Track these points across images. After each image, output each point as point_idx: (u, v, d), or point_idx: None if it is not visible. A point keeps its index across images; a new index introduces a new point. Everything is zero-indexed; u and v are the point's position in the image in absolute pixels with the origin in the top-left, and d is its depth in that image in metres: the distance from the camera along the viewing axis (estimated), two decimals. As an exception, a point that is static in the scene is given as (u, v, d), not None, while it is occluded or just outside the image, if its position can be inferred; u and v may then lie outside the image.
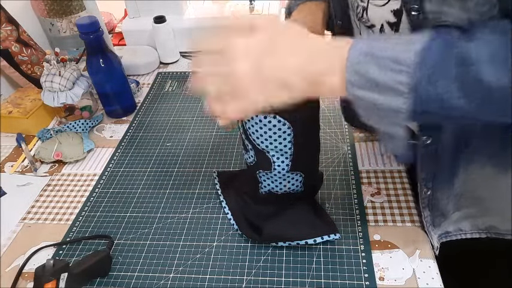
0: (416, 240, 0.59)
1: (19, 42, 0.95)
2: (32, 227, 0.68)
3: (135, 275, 0.58)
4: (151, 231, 0.64)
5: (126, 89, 0.90)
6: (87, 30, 0.79)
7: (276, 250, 0.59)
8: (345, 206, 0.64)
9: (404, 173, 0.69)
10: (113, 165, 0.78)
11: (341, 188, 0.68)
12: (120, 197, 0.71)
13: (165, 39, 1.04)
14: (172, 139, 0.83)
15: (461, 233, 0.58)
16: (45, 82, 0.82)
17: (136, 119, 0.89)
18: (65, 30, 1.07)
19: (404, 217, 0.62)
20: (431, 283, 0.53)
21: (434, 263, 0.56)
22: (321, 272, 0.56)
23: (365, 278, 0.54)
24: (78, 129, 0.85)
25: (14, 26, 0.95)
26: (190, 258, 0.60)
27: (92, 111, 0.91)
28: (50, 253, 0.63)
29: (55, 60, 0.82)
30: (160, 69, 1.07)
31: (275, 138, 0.52)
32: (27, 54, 0.96)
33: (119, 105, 0.90)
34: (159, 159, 0.78)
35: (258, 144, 0.54)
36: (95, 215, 0.68)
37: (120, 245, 0.62)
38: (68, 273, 0.55)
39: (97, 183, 0.74)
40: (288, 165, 0.55)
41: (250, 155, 0.57)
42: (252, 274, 0.57)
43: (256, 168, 0.57)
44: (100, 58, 0.82)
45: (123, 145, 0.82)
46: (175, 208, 0.68)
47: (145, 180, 0.74)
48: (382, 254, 0.57)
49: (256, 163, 0.57)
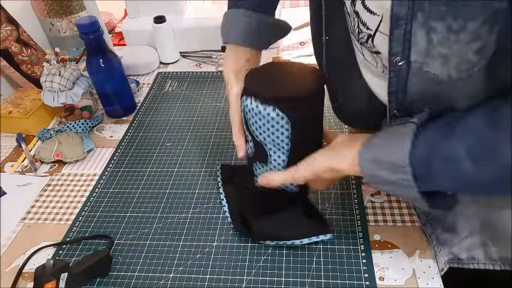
0: (416, 240, 0.59)
1: (19, 42, 0.95)
2: (32, 227, 0.68)
3: (135, 275, 0.58)
4: (151, 231, 0.64)
5: (126, 89, 0.90)
6: (87, 30, 0.79)
7: (276, 250, 0.59)
8: (345, 206, 0.64)
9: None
10: (113, 165, 0.78)
11: (341, 188, 0.68)
12: (120, 197, 0.71)
13: (165, 39, 1.04)
14: (172, 139, 0.83)
15: (474, 262, 0.56)
16: (45, 82, 0.82)
17: (136, 119, 0.89)
18: (65, 30, 1.07)
19: (404, 217, 0.62)
20: (431, 283, 0.54)
21: (434, 263, 0.56)
22: (321, 272, 0.56)
23: (365, 278, 0.54)
24: (78, 129, 0.85)
25: (14, 26, 0.95)
26: (190, 258, 0.60)
27: (92, 111, 0.91)
28: (50, 253, 0.63)
29: (55, 60, 0.82)
30: (160, 69, 1.07)
31: (272, 132, 0.52)
32: (27, 54, 0.96)
33: (119, 105, 0.90)
34: (159, 159, 0.78)
35: (257, 135, 0.54)
36: (95, 215, 0.68)
37: (120, 245, 0.62)
38: (68, 273, 0.55)
39: (97, 183, 0.74)
40: (285, 161, 0.54)
41: (249, 146, 0.57)
42: (252, 274, 0.57)
43: (254, 160, 0.58)
44: (100, 58, 0.82)
45: (123, 145, 0.82)
46: (175, 208, 0.68)
47: (145, 180, 0.74)
48: (382, 254, 0.57)
49: (254, 155, 0.57)
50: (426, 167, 0.41)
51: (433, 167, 0.41)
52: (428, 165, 0.41)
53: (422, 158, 0.41)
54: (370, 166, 0.45)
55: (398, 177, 0.43)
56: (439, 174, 0.41)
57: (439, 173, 0.41)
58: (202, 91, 0.97)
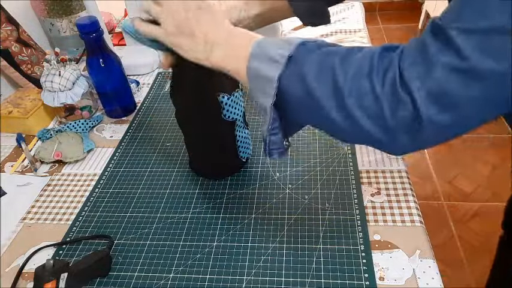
0: (416, 240, 0.59)
1: (19, 42, 0.95)
2: (32, 227, 0.68)
3: (135, 275, 0.58)
4: (151, 231, 0.64)
5: (126, 89, 0.90)
6: (87, 30, 0.79)
7: (276, 250, 0.59)
8: (345, 206, 0.64)
9: (405, 173, 0.69)
10: (113, 165, 0.78)
11: (341, 188, 0.68)
12: (120, 197, 0.71)
13: (165, 39, 1.04)
14: (172, 139, 0.83)
15: None
16: (45, 82, 0.82)
17: (136, 119, 0.89)
18: (65, 30, 1.07)
19: (404, 217, 0.62)
20: (431, 283, 0.54)
21: (434, 263, 0.56)
22: (321, 272, 0.56)
23: (365, 278, 0.54)
24: (78, 129, 0.85)
25: (14, 26, 0.95)
26: (190, 258, 0.60)
27: (92, 111, 0.91)
28: (50, 253, 0.63)
29: (55, 60, 0.83)
30: (160, 69, 1.07)
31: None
32: (27, 54, 0.96)
33: (119, 105, 0.90)
34: (159, 159, 0.78)
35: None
36: (95, 215, 0.68)
37: (120, 245, 0.63)
38: (68, 273, 0.55)
39: (97, 183, 0.74)
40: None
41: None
42: (252, 274, 0.57)
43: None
44: (100, 58, 0.82)
45: (123, 145, 0.82)
46: (175, 208, 0.68)
47: (145, 180, 0.74)
48: (382, 254, 0.57)
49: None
50: (309, 52, 0.44)
51: (312, 55, 0.44)
52: (311, 51, 0.45)
53: (310, 46, 0.45)
54: (263, 40, 0.48)
55: (278, 52, 0.45)
56: (312, 63, 0.44)
57: (313, 62, 0.44)
58: (202, 91, 0.96)
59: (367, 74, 0.40)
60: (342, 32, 1.13)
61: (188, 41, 0.52)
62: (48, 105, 0.84)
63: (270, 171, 0.72)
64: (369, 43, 1.07)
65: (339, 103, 0.41)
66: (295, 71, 0.44)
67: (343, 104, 0.41)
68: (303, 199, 0.66)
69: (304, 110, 0.46)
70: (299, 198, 0.67)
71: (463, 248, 1.59)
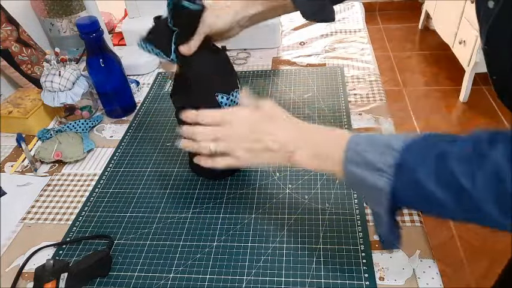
0: (416, 240, 0.59)
1: (19, 42, 0.95)
2: (32, 227, 0.68)
3: (135, 275, 0.58)
4: (151, 231, 0.64)
5: (126, 89, 0.90)
6: (87, 30, 0.79)
7: (276, 250, 0.59)
8: (345, 206, 0.64)
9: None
10: (113, 165, 0.78)
11: (341, 188, 0.68)
12: (120, 197, 0.71)
13: (165, 39, 1.04)
14: (172, 139, 0.83)
15: None
16: (45, 82, 0.82)
17: (136, 119, 0.89)
18: (65, 30, 1.07)
19: (404, 217, 0.62)
20: (431, 283, 0.54)
21: (434, 263, 0.56)
22: (321, 272, 0.56)
23: (365, 278, 0.54)
24: (78, 129, 0.85)
25: (14, 26, 0.95)
26: (190, 258, 0.60)
27: (92, 111, 0.91)
28: (50, 253, 0.63)
29: (55, 60, 0.83)
30: (160, 69, 1.07)
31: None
32: (27, 54, 0.96)
33: (119, 105, 0.90)
34: (159, 159, 0.78)
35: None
36: (95, 215, 0.68)
37: (120, 245, 0.63)
38: (68, 273, 0.55)
39: (97, 183, 0.74)
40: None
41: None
42: (252, 274, 0.57)
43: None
44: (100, 58, 0.82)
45: (123, 145, 0.82)
46: (175, 208, 0.68)
47: (145, 180, 0.74)
48: (382, 254, 0.57)
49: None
50: (422, 156, 0.40)
51: (426, 157, 0.40)
52: (425, 155, 0.40)
53: (421, 147, 0.41)
54: (360, 141, 0.45)
55: (381, 160, 0.41)
56: (429, 168, 0.40)
57: (430, 167, 0.40)
58: (202, 91, 0.96)
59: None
60: (342, 32, 1.13)
61: (267, 156, 0.51)
62: (48, 105, 0.84)
63: (270, 171, 0.72)
64: (369, 43, 1.07)
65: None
66: (407, 179, 0.41)
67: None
68: (303, 199, 0.66)
69: (426, 206, 0.43)
70: (299, 198, 0.67)
71: (463, 248, 1.59)
